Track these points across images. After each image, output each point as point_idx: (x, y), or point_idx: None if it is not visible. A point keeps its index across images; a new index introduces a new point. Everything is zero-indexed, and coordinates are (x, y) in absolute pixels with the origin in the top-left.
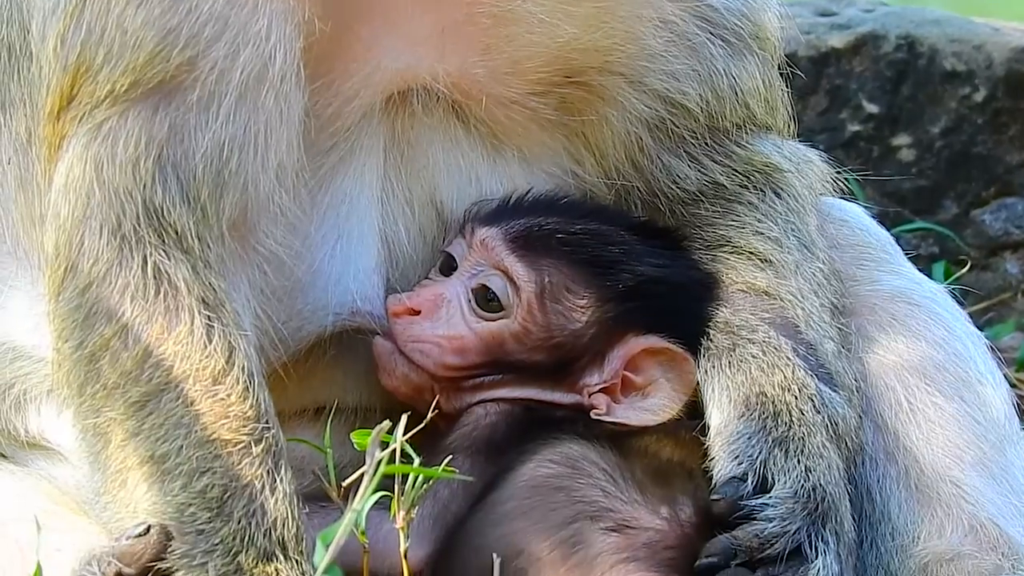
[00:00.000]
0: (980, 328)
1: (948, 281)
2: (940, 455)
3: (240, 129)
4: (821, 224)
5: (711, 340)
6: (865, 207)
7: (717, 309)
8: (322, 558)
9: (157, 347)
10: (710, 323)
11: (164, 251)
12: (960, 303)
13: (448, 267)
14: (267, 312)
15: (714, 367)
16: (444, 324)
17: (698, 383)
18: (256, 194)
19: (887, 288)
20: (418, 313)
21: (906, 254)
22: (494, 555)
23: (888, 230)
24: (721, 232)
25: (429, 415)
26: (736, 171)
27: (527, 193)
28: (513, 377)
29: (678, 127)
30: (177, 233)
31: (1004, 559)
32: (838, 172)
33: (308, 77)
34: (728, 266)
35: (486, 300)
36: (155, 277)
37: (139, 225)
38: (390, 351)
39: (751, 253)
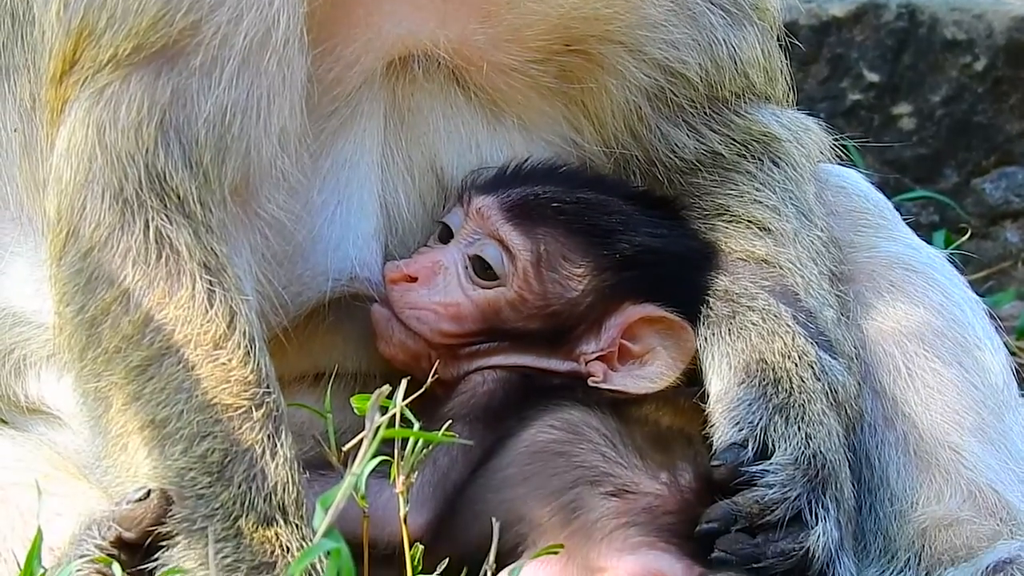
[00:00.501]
0: (980, 296)
1: (949, 249)
2: (939, 421)
3: (243, 94)
4: (819, 191)
5: (710, 308)
6: (865, 175)
7: (716, 277)
8: (321, 522)
9: (158, 312)
10: (709, 291)
11: (166, 215)
12: (960, 270)
13: (446, 235)
14: (268, 277)
15: (714, 335)
16: (441, 291)
17: (697, 350)
18: (258, 159)
19: (885, 254)
20: (415, 280)
21: (906, 222)
22: (493, 520)
23: (889, 198)
24: (719, 201)
25: (429, 380)
26: (734, 140)
27: (525, 162)
28: (510, 345)
29: (677, 96)
30: (179, 198)
31: (1002, 524)
32: (838, 140)
33: (311, 42)
34: (726, 235)
35: (483, 268)
36: (157, 242)
37: (141, 190)
38: (387, 318)
39: (749, 222)
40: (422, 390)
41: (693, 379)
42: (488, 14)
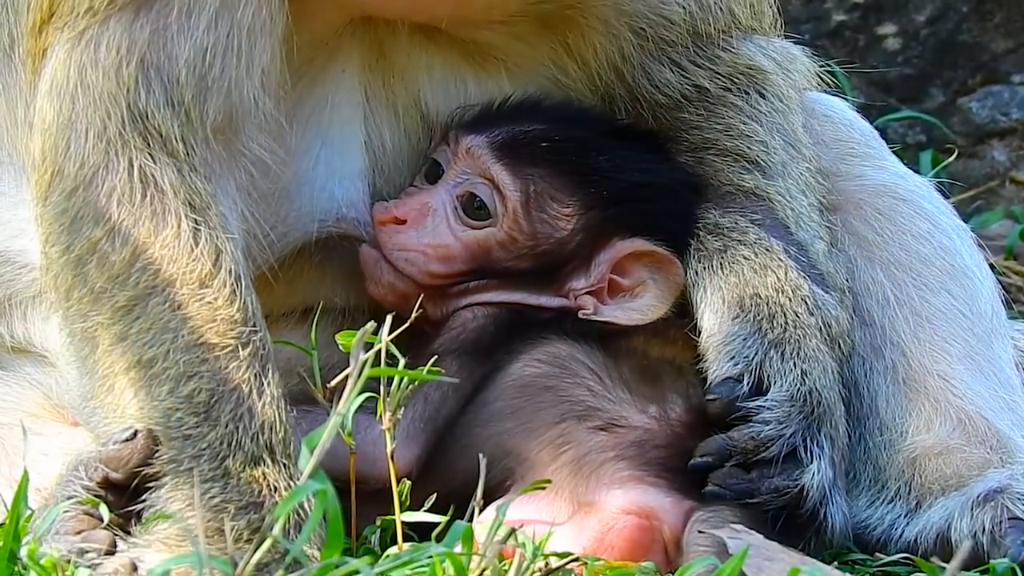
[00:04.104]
0: (968, 216)
1: (935, 169)
2: (927, 349)
3: (222, 36)
4: (806, 121)
5: (701, 242)
6: (852, 101)
7: (706, 211)
8: (307, 463)
9: (144, 251)
10: (699, 225)
11: (150, 154)
12: (945, 195)
13: (434, 174)
14: (255, 216)
15: (705, 268)
16: (430, 232)
17: (687, 284)
18: (240, 99)
19: (872, 183)
20: (404, 222)
21: (893, 143)
22: (480, 456)
23: (875, 119)
24: (707, 135)
25: (413, 315)
26: (719, 74)
27: (510, 99)
28: (499, 283)
29: (660, 37)
30: (162, 136)
31: (992, 452)
32: (823, 65)
33: None
34: (715, 168)
35: (472, 208)
36: (141, 181)
37: (124, 129)
38: (376, 259)
39: (737, 155)
40: (406, 325)
41: (682, 312)
42: (458, 2)
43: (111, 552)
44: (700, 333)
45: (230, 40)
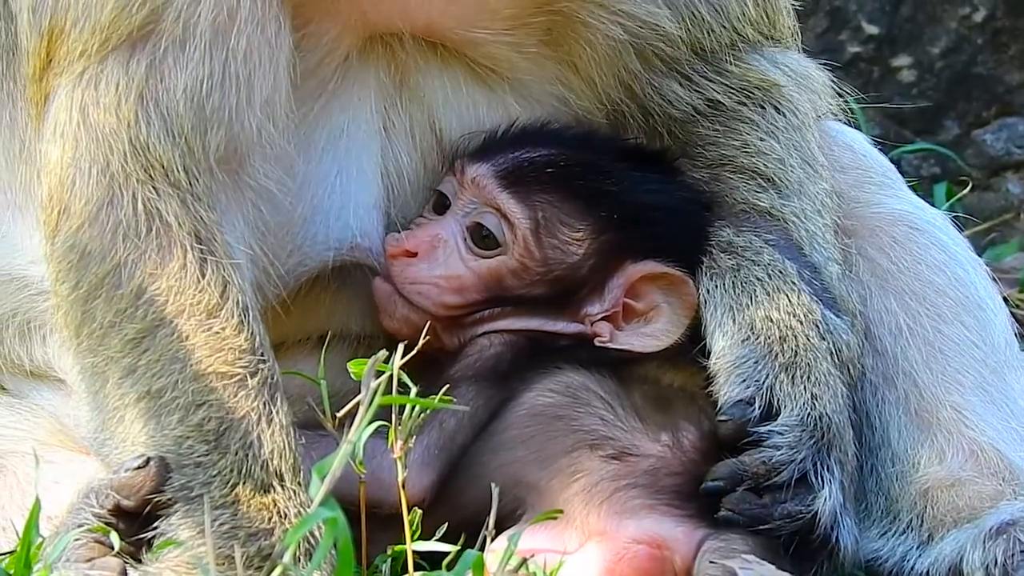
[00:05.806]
0: (983, 249)
1: (950, 202)
2: (940, 380)
3: (218, 67)
4: (824, 145)
5: (714, 259)
6: (866, 133)
7: (719, 229)
8: (318, 490)
9: (150, 284)
10: (712, 243)
11: (153, 187)
12: (960, 228)
13: (441, 205)
14: (263, 248)
15: (717, 287)
16: (442, 265)
17: (699, 305)
18: (242, 130)
19: (889, 211)
20: (415, 255)
21: (907, 175)
22: (492, 485)
23: (889, 151)
24: (724, 151)
25: (420, 343)
26: (732, 88)
27: (514, 124)
28: (514, 310)
29: (661, 50)
30: (164, 167)
31: (1005, 484)
32: (839, 96)
33: (291, 20)
34: (730, 186)
35: (481, 238)
36: (146, 214)
37: (126, 163)
38: (389, 294)
39: (754, 172)
40: (415, 352)
41: (694, 339)
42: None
43: None
44: (710, 354)
45: (227, 69)
